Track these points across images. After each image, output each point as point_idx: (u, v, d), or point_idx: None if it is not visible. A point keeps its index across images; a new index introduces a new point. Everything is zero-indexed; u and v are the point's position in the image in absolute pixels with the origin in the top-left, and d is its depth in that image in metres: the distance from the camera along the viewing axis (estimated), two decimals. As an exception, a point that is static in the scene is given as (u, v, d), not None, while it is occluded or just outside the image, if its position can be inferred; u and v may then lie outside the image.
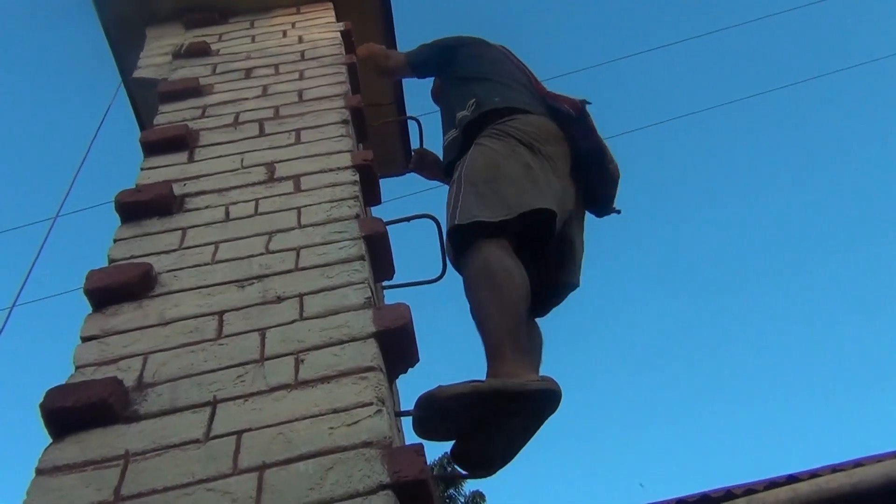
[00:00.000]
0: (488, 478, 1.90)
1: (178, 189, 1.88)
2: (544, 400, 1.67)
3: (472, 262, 1.83)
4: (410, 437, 1.65)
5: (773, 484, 3.04)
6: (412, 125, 3.15)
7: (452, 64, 2.57)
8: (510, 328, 1.72)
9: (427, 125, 2.99)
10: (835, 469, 3.06)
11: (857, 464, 3.05)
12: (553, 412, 1.72)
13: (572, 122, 2.22)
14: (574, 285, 2.18)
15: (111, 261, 1.68)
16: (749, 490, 3.09)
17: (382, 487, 1.14)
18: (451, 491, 22.63)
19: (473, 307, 1.80)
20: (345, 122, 2.12)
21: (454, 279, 2.15)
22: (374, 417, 1.26)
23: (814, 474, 3.03)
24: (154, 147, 2.05)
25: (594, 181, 2.28)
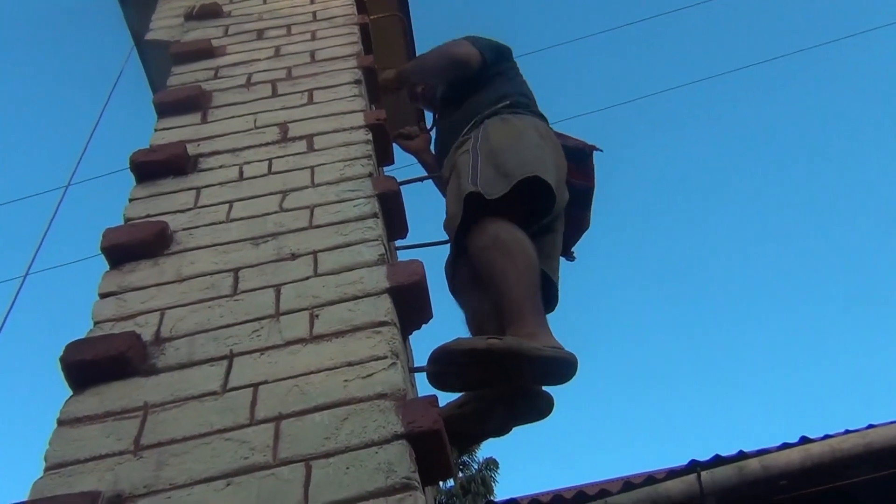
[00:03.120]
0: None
1: (192, 149, 1.88)
2: (558, 366, 1.68)
3: (485, 231, 1.85)
4: (424, 393, 1.67)
5: (785, 446, 3.05)
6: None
7: (499, 68, 2.43)
8: (531, 293, 1.75)
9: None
10: (848, 431, 3.07)
11: (870, 426, 3.05)
12: (565, 381, 1.73)
13: (579, 157, 2.27)
14: (553, 283, 2.06)
15: (127, 219, 1.70)
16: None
17: (397, 437, 1.15)
18: (465, 457, 22.91)
19: (490, 272, 1.81)
20: (357, 82, 2.11)
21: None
22: (389, 370, 1.27)
23: (827, 436, 3.04)
24: (168, 108, 2.05)
25: (569, 221, 2.23)
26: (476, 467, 22.59)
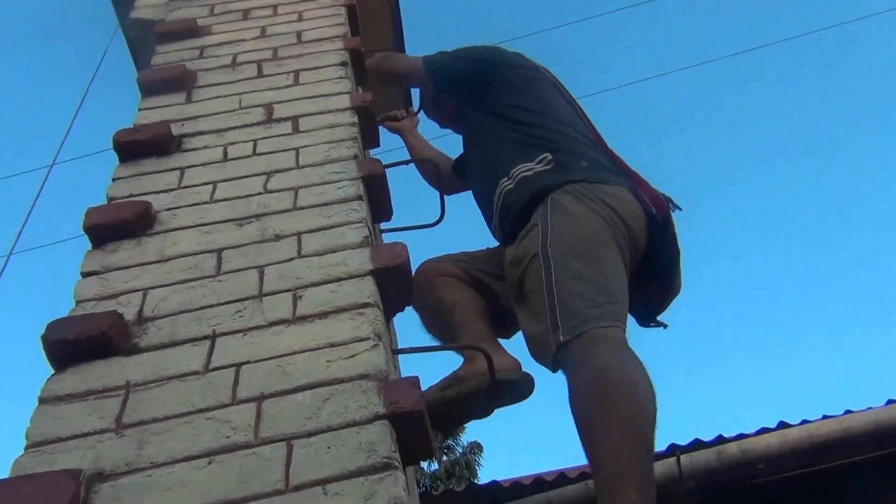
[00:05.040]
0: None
1: (176, 129, 1.87)
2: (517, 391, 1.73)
3: (587, 367, 1.47)
4: (407, 374, 1.68)
5: (764, 430, 3.09)
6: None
7: (488, 88, 2.11)
8: (636, 458, 1.33)
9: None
10: (825, 417, 3.11)
11: (847, 412, 3.10)
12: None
13: (652, 223, 1.83)
14: None
15: (110, 199, 1.69)
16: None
17: (378, 418, 1.16)
18: (449, 441, 23.05)
19: (588, 427, 1.41)
20: (344, 63, 2.10)
21: (452, 223, 2.16)
22: (371, 351, 1.28)
23: (805, 421, 3.08)
24: (152, 88, 2.03)
25: (651, 290, 1.91)
26: (460, 451, 22.75)
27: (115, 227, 1.58)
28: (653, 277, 1.88)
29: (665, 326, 1.97)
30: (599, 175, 1.84)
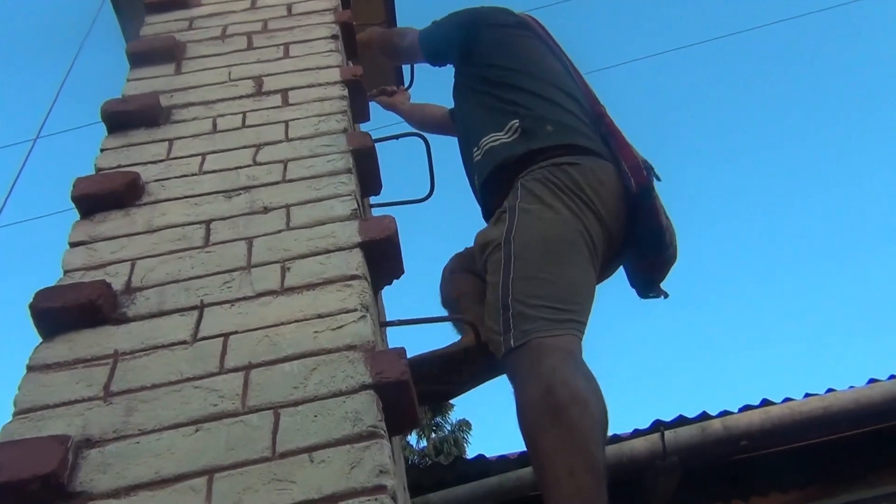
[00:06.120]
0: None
1: (164, 100, 1.86)
2: None
3: (534, 384, 1.41)
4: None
5: (747, 407, 3.13)
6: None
7: (471, 53, 2.10)
8: (586, 488, 1.26)
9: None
10: (808, 395, 3.15)
11: (830, 391, 3.14)
12: None
13: (639, 195, 1.78)
14: None
15: (98, 169, 1.68)
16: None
17: (364, 387, 1.17)
18: (438, 419, 23.19)
19: (534, 451, 1.36)
20: (334, 37, 2.10)
21: (441, 199, 2.17)
22: (359, 323, 1.29)
23: (788, 399, 3.12)
24: (140, 58, 2.02)
25: (642, 262, 1.90)
26: (449, 428, 22.92)
27: (104, 197, 1.58)
28: (640, 249, 1.85)
29: (666, 296, 1.92)
30: (566, 140, 1.79)
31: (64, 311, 1.31)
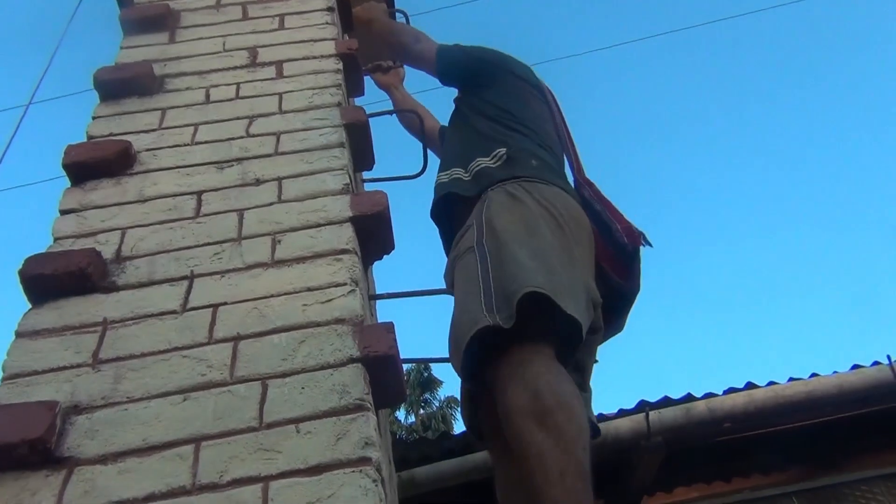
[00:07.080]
0: None
1: (158, 69, 1.85)
2: None
3: (517, 377, 1.42)
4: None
5: (731, 390, 3.17)
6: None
7: (486, 88, 2.12)
8: (578, 490, 1.27)
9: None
10: (791, 380, 3.19)
11: (814, 375, 3.18)
12: None
13: (622, 254, 1.80)
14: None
15: (90, 137, 1.67)
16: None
17: (352, 361, 1.18)
18: (427, 395, 23.33)
19: (524, 452, 1.35)
20: (330, 9, 2.08)
21: (433, 176, 2.16)
22: (348, 297, 1.30)
23: (771, 383, 3.16)
24: (134, 26, 2.00)
25: (611, 315, 1.81)
26: (437, 405, 23.07)
27: (95, 165, 1.57)
28: (609, 301, 1.76)
29: (595, 362, 1.79)
30: (547, 177, 1.82)
31: (53, 278, 1.31)
